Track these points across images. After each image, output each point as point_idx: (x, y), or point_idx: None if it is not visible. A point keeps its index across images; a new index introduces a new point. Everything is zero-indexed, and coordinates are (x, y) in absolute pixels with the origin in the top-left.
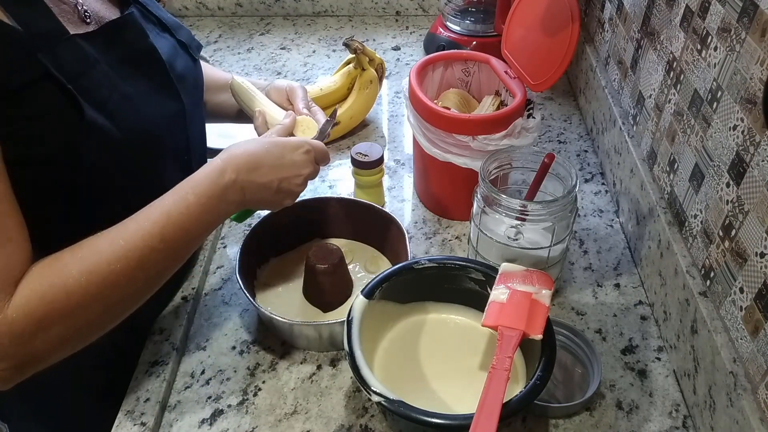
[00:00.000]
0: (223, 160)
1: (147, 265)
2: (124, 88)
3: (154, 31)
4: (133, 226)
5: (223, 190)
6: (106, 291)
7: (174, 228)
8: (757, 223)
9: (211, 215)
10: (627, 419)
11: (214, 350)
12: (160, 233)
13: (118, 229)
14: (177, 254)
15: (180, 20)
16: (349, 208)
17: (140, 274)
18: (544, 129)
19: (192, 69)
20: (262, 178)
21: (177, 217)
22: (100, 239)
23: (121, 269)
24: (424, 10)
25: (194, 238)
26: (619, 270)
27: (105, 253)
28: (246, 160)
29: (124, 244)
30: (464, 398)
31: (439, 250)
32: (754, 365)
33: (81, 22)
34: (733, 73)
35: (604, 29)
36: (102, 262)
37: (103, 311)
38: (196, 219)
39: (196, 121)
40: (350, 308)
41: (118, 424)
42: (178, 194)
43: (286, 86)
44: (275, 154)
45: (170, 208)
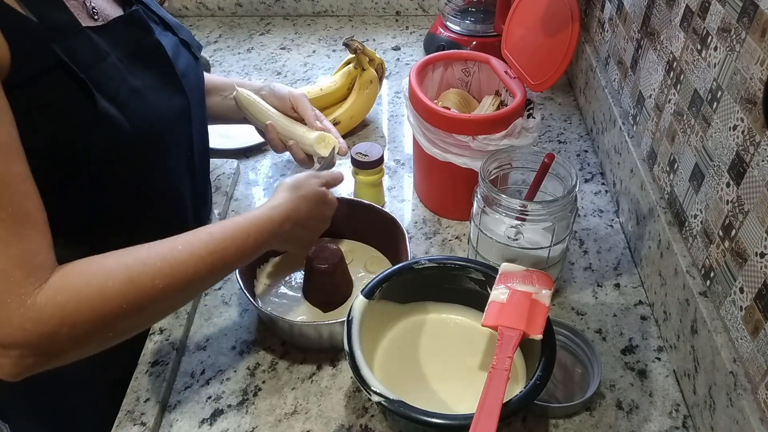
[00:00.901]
0: (287, 210)
1: (188, 287)
2: (133, 81)
3: (157, 29)
4: (186, 251)
5: (276, 237)
6: (144, 303)
7: (225, 263)
8: (757, 223)
9: (257, 254)
10: (627, 419)
11: (214, 350)
12: (211, 265)
13: (169, 247)
14: (216, 281)
15: (180, 20)
16: (349, 208)
17: (179, 293)
18: (544, 129)
19: (194, 67)
20: (305, 232)
21: (232, 254)
22: (149, 251)
23: (164, 286)
24: (424, 10)
25: (234, 269)
26: (619, 270)
27: (153, 267)
28: (305, 216)
29: (174, 264)
30: (464, 398)
31: (439, 250)
32: (754, 365)
33: (89, 18)
34: (733, 73)
35: (604, 29)
36: (147, 274)
37: (135, 320)
38: (246, 256)
39: (199, 118)
40: (350, 308)
41: (118, 424)
42: (240, 232)
43: (288, 95)
44: (321, 210)
45: (228, 244)
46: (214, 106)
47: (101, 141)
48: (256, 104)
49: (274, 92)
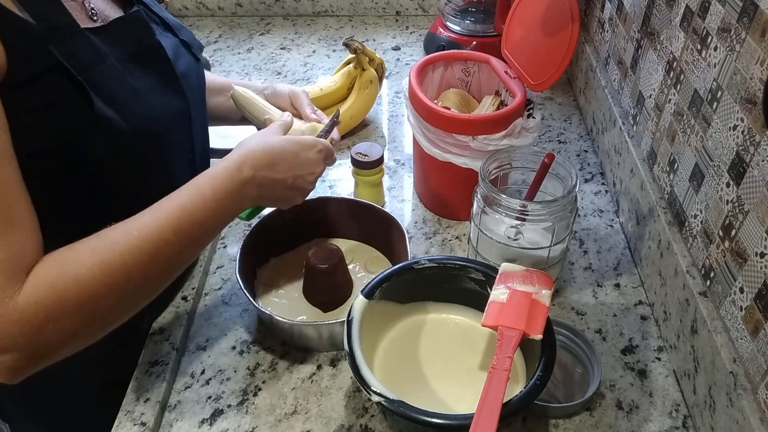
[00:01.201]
0: (241, 155)
1: (160, 258)
2: (132, 82)
3: (157, 30)
4: (148, 219)
5: (241, 185)
6: (119, 282)
7: (189, 221)
8: (757, 223)
9: (227, 210)
10: (627, 419)
11: (214, 350)
12: (175, 226)
13: (133, 221)
14: (191, 248)
15: (180, 20)
16: (349, 208)
17: (153, 266)
18: (544, 129)
19: (195, 68)
20: (278, 175)
21: (193, 211)
22: (115, 230)
23: (135, 261)
24: (424, 10)
25: (209, 232)
26: (619, 270)
27: (119, 244)
28: (264, 156)
29: (138, 235)
30: (464, 398)
31: (439, 250)
32: (754, 365)
33: (88, 19)
34: (733, 73)
35: (604, 29)
36: (115, 253)
37: (116, 303)
38: (212, 213)
39: (200, 120)
40: (350, 308)
41: (118, 424)
42: (195, 188)
43: (289, 91)
44: (292, 150)
45: (186, 201)
46: (218, 106)
47: (99, 142)
48: (253, 101)
49: (276, 91)
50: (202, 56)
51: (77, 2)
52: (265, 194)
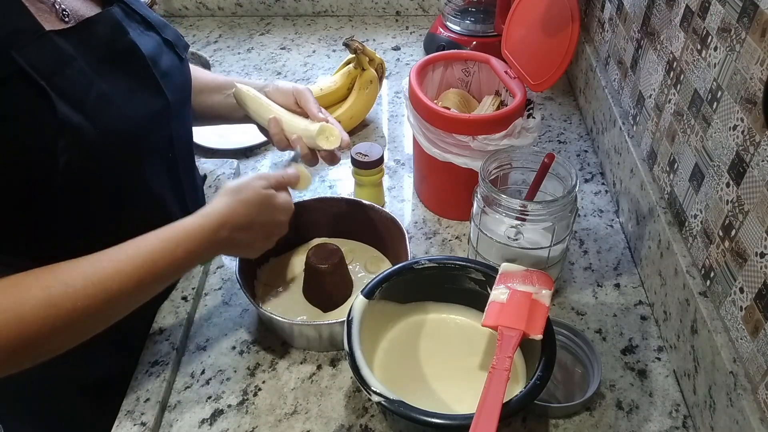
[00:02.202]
0: (221, 216)
1: (114, 306)
2: (102, 86)
3: (137, 29)
4: (111, 266)
5: (213, 245)
6: (65, 324)
7: (154, 275)
8: (757, 223)
9: (193, 264)
10: (627, 419)
11: (214, 350)
12: (138, 279)
13: (93, 264)
14: (148, 296)
15: (180, 20)
16: (349, 208)
17: (103, 313)
18: (544, 129)
19: (178, 67)
20: (249, 237)
21: (161, 267)
22: (71, 271)
23: (86, 307)
24: (424, 10)
25: (169, 282)
26: (619, 270)
27: (74, 288)
28: (244, 220)
29: (97, 283)
30: (464, 398)
31: (439, 250)
32: (754, 365)
33: (59, 21)
34: (733, 73)
35: (604, 29)
36: (68, 298)
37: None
38: (178, 267)
39: (182, 119)
40: (350, 308)
41: (118, 424)
42: (168, 244)
43: (293, 89)
44: (267, 215)
45: (156, 257)
46: (216, 104)
47: (66, 149)
48: (257, 99)
49: (278, 88)
50: (201, 56)
51: (47, 4)
52: (230, 251)
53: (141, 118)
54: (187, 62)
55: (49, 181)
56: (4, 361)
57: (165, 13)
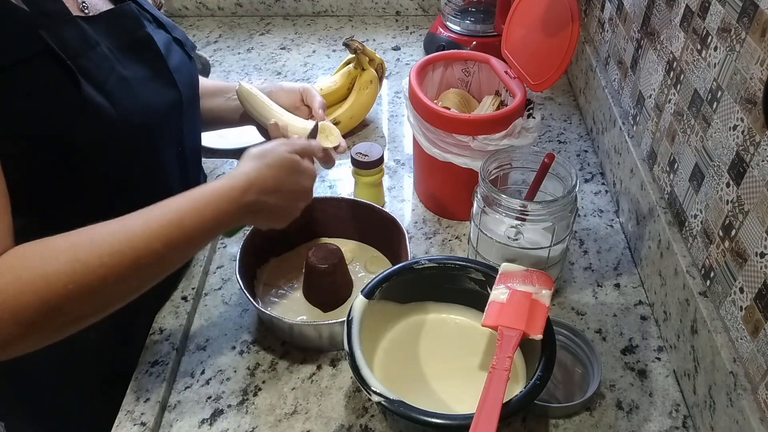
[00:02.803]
0: (248, 178)
1: (142, 267)
2: (123, 71)
3: (149, 26)
4: (139, 224)
5: (241, 209)
6: (91, 284)
7: (182, 235)
8: (757, 223)
9: (221, 228)
10: (627, 419)
11: (214, 350)
12: (166, 238)
13: (121, 222)
14: (175, 260)
15: (180, 20)
16: (349, 208)
17: (132, 273)
18: (544, 129)
19: (187, 65)
20: (276, 201)
21: (189, 227)
22: (99, 229)
23: (114, 265)
24: (424, 10)
25: (197, 247)
26: (619, 270)
27: (101, 245)
28: (271, 183)
29: (125, 240)
30: (464, 398)
31: (439, 250)
32: (754, 365)
33: (79, 11)
34: (733, 73)
35: (604, 29)
36: (94, 253)
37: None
38: (207, 231)
39: (191, 115)
40: (350, 308)
41: (118, 424)
42: (196, 203)
43: (300, 89)
44: (294, 179)
45: (184, 215)
46: (217, 108)
47: (87, 128)
48: (258, 97)
49: (284, 88)
50: (201, 56)
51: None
52: (258, 218)
53: (157, 107)
54: (195, 62)
55: (65, 160)
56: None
57: (165, 13)
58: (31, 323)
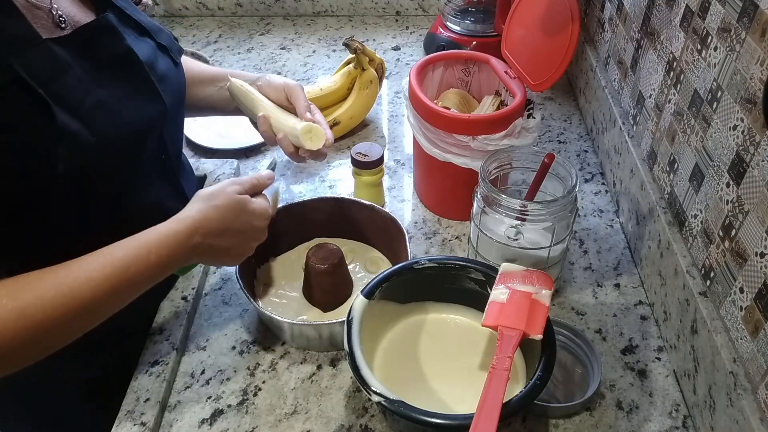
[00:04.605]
0: (194, 221)
1: (87, 314)
2: (99, 93)
3: (132, 35)
4: (83, 275)
5: (187, 251)
6: (38, 333)
7: (127, 282)
8: (757, 223)
9: (167, 270)
10: (627, 419)
11: (214, 350)
12: (111, 287)
13: (65, 273)
14: (120, 304)
15: (180, 20)
16: (349, 208)
17: (77, 320)
18: (544, 129)
19: (173, 71)
20: (224, 243)
21: (134, 274)
22: (44, 281)
23: (59, 316)
24: (424, 10)
25: (142, 290)
26: (619, 270)
27: (45, 297)
28: (217, 225)
29: (69, 292)
30: (464, 398)
31: (439, 250)
32: (754, 365)
33: (56, 27)
34: (733, 73)
35: (604, 29)
36: (38, 306)
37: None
38: (151, 275)
39: (176, 122)
40: (350, 308)
41: (118, 424)
42: (140, 251)
43: (284, 85)
44: (243, 220)
45: (130, 264)
46: (208, 96)
47: (65, 156)
48: (249, 94)
49: (270, 83)
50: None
51: (44, 11)
52: (205, 259)
53: (138, 124)
54: (182, 66)
55: (48, 186)
56: None
57: (165, 13)
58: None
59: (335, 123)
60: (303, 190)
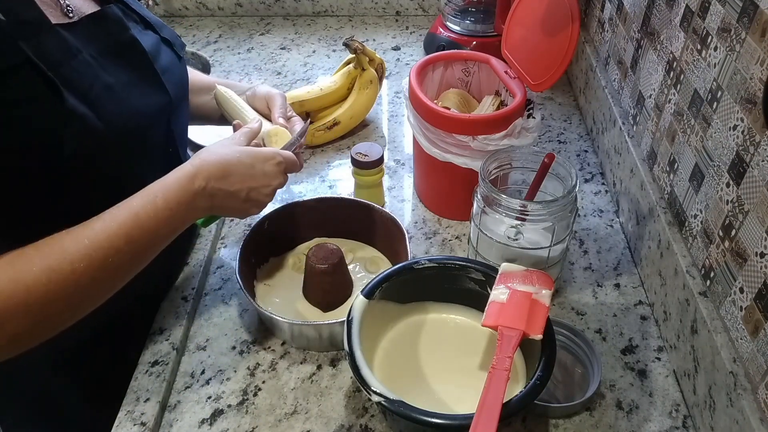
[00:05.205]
0: (194, 165)
1: (110, 266)
2: (107, 78)
3: (136, 28)
4: (99, 226)
5: (192, 196)
6: (68, 289)
7: (140, 230)
8: (757, 223)
9: (178, 219)
10: (627, 419)
11: (214, 350)
12: (126, 234)
13: (84, 227)
14: (141, 256)
15: (180, 20)
16: (349, 208)
17: (103, 274)
18: (544, 129)
19: (177, 65)
20: (231, 187)
21: (145, 220)
22: (66, 237)
23: (84, 268)
24: (424, 10)
25: (160, 241)
26: (619, 270)
27: (69, 251)
28: (217, 167)
29: (89, 243)
30: (464, 398)
31: (439, 250)
32: (754, 365)
33: (63, 15)
34: (733, 73)
35: (604, 29)
36: (65, 260)
37: (64, 309)
38: (163, 223)
39: (181, 115)
40: (350, 308)
41: (118, 424)
42: (148, 197)
43: (266, 93)
44: (246, 163)
45: (138, 210)
46: (203, 105)
47: (72, 139)
48: (232, 101)
49: (255, 93)
50: (202, 56)
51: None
52: (218, 205)
53: (144, 112)
54: (184, 62)
55: (55, 168)
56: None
57: (165, 13)
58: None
59: (335, 123)
60: (303, 190)
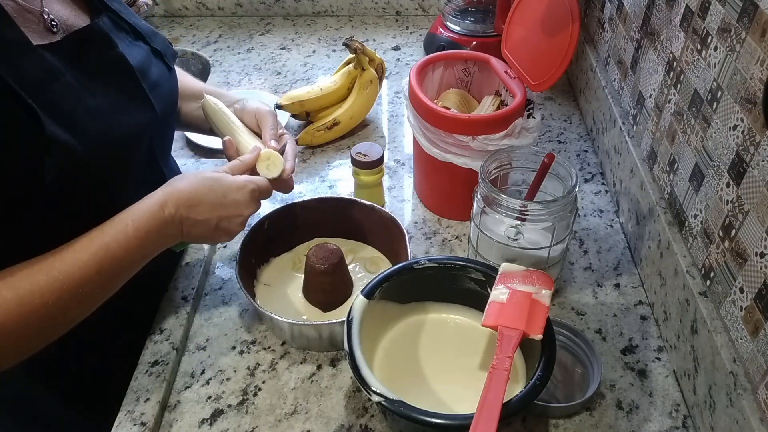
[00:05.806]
0: (165, 193)
1: (81, 296)
2: (90, 100)
3: (126, 40)
4: (70, 257)
5: (162, 223)
6: (38, 321)
7: (111, 260)
8: (757, 223)
9: (149, 248)
10: (627, 419)
11: (214, 350)
12: (96, 265)
13: (54, 258)
14: (111, 285)
15: (180, 20)
16: (349, 208)
17: (73, 304)
18: (544, 129)
19: (167, 78)
20: (200, 216)
21: (115, 250)
22: (36, 268)
23: (55, 300)
24: (424, 10)
25: (130, 269)
26: (619, 270)
27: (39, 283)
28: (187, 196)
29: (59, 276)
30: (464, 398)
31: (439, 250)
32: (754, 365)
33: (47, 31)
34: (733, 73)
35: (604, 29)
36: (35, 292)
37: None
38: (134, 251)
39: (165, 128)
40: (350, 308)
41: (118, 424)
42: (118, 226)
43: (255, 110)
44: (218, 192)
45: (109, 240)
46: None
47: (54, 165)
48: (220, 113)
49: (245, 107)
50: (202, 56)
51: (34, 14)
52: (187, 233)
53: (127, 132)
54: (175, 72)
55: (35, 193)
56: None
57: (165, 13)
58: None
59: (335, 123)
60: (303, 190)
